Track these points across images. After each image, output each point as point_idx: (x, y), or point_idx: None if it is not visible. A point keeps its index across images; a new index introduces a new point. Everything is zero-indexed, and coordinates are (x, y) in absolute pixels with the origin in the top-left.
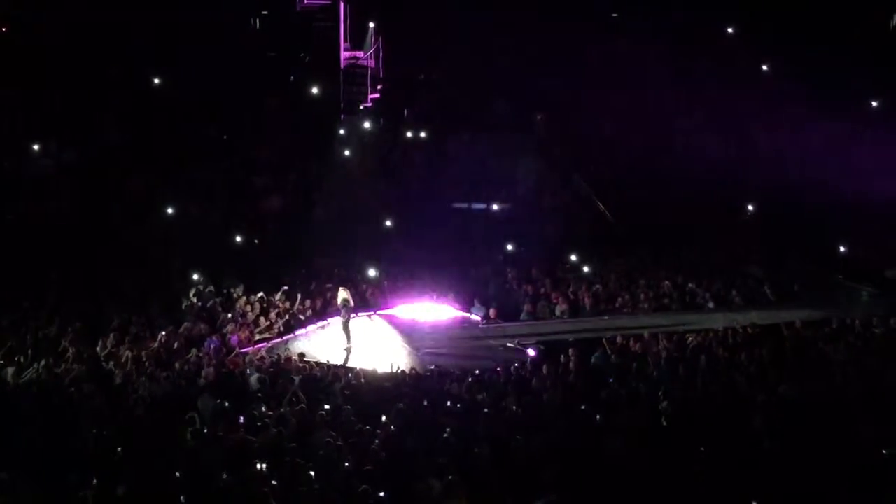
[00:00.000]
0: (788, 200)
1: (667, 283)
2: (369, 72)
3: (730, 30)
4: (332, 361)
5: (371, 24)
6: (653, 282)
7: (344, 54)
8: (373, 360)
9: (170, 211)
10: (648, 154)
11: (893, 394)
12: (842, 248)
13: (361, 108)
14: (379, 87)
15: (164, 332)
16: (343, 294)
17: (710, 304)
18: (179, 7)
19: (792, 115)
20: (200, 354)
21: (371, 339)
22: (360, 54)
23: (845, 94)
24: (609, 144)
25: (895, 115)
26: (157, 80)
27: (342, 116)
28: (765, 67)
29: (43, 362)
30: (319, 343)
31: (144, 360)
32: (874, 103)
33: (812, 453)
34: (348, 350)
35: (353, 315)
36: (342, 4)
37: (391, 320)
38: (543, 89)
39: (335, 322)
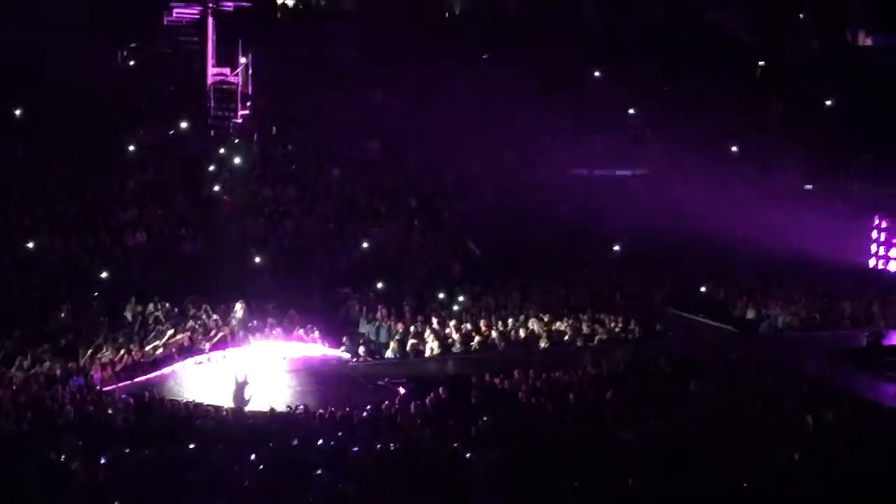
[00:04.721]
0: (652, 241)
1: (534, 320)
2: (238, 88)
3: (596, 73)
4: (199, 399)
5: (241, 49)
6: (521, 319)
7: (211, 71)
8: (242, 397)
9: (30, 245)
10: (516, 192)
11: (757, 429)
12: (702, 288)
13: (231, 124)
14: (248, 103)
15: (22, 372)
16: (239, 306)
17: (578, 343)
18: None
19: (657, 157)
20: (63, 393)
21: (240, 376)
22: (227, 71)
23: (708, 138)
24: (478, 182)
25: (754, 159)
26: (17, 112)
27: (212, 132)
28: (631, 111)
29: None
30: (187, 380)
31: (1, 399)
32: (734, 148)
33: (680, 488)
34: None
35: (249, 327)
36: (210, 20)
37: (260, 357)
38: (412, 127)
39: (202, 359)
